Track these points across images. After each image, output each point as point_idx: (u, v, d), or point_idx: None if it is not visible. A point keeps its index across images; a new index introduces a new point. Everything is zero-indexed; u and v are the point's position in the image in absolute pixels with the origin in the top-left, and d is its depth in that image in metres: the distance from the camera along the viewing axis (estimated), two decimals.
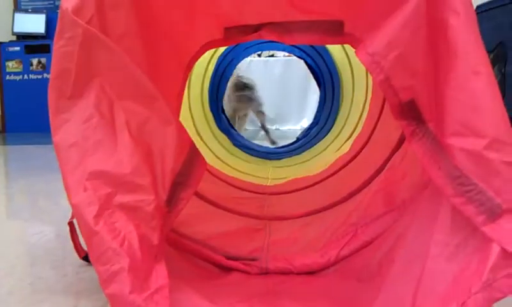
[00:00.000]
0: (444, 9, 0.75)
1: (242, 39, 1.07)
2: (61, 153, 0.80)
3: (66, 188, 0.76)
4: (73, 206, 0.73)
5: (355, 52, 0.82)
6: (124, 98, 0.81)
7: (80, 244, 1.13)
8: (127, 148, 0.77)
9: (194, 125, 2.08)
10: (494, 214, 0.68)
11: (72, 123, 0.81)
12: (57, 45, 0.85)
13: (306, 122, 4.89)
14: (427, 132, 0.76)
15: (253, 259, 1.06)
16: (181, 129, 0.82)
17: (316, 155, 2.31)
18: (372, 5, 0.85)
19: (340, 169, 1.64)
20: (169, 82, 1.05)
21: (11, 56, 5.75)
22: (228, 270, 1.05)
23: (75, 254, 1.14)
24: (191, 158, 0.82)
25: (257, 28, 1.02)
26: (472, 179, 0.69)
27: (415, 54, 0.76)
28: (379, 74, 0.76)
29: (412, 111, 0.76)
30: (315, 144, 2.55)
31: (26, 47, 5.73)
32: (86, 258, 1.13)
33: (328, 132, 2.51)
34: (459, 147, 0.70)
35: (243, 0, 0.98)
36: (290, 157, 2.60)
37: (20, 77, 5.72)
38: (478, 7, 3.57)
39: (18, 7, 6.07)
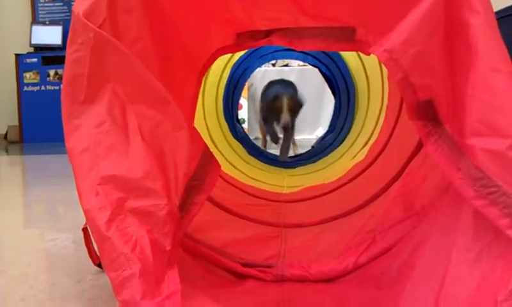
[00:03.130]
0: (463, 8, 0.73)
1: (254, 44, 1.06)
2: (73, 158, 0.80)
3: (79, 193, 0.75)
4: (85, 211, 0.72)
5: (371, 49, 0.80)
6: (136, 102, 0.80)
7: (94, 251, 1.12)
8: (139, 152, 0.76)
9: (209, 133, 2.08)
10: None
11: (84, 128, 0.80)
12: (69, 51, 0.85)
13: (321, 131, 4.87)
14: (444, 133, 0.74)
15: (269, 267, 1.04)
16: (194, 133, 0.81)
17: (331, 163, 2.29)
18: (385, 10, 0.83)
19: (356, 176, 1.61)
20: (183, 87, 1.04)
21: (29, 67, 5.84)
22: (243, 277, 1.02)
23: (90, 261, 1.13)
24: (205, 161, 0.81)
25: (267, 34, 1.02)
26: (495, 180, 0.66)
27: (432, 53, 0.74)
28: (397, 72, 0.74)
29: (429, 111, 0.74)
30: (330, 152, 2.53)
31: (43, 58, 5.82)
32: (100, 264, 1.12)
33: (343, 139, 2.49)
34: (481, 147, 0.68)
35: (254, 6, 0.97)
36: (305, 165, 2.59)
37: (38, 87, 5.81)
38: (497, 13, 3.53)
39: (35, 20, 6.17)
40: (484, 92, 0.70)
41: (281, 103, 2.81)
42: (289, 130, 2.92)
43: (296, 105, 2.93)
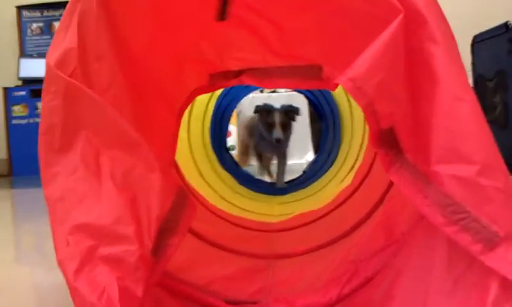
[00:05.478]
0: (423, 39, 0.74)
1: (226, 84, 1.08)
2: (49, 207, 0.80)
3: (54, 244, 0.75)
4: (58, 262, 0.72)
5: (336, 79, 0.81)
6: (109, 147, 0.81)
7: None
8: (110, 198, 0.76)
9: (197, 166, 2.08)
10: (491, 242, 0.65)
11: (60, 176, 0.81)
12: (44, 100, 0.86)
13: (311, 155, 4.87)
14: (405, 162, 0.74)
15: (254, 303, 1.03)
16: (167, 174, 0.81)
17: (321, 188, 2.29)
18: (349, 46, 0.84)
19: (343, 202, 1.62)
20: (161, 129, 1.05)
21: (17, 100, 5.83)
22: None
23: None
24: (179, 203, 0.80)
25: (238, 74, 1.03)
26: (464, 206, 0.67)
27: (395, 82, 0.75)
28: (362, 98, 0.74)
29: (390, 140, 0.75)
30: (320, 176, 2.54)
31: (32, 91, 5.81)
32: None
33: (332, 163, 2.50)
34: (448, 174, 0.68)
35: (224, 47, 0.99)
36: (295, 191, 2.58)
37: (26, 120, 5.79)
38: (476, 36, 3.60)
39: (23, 53, 6.19)
40: (449, 120, 0.71)
41: (272, 118, 2.74)
42: (283, 148, 2.90)
43: (290, 116, 2.82)
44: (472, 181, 0.67)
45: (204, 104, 2.30)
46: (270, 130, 2.76)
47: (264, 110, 2.79)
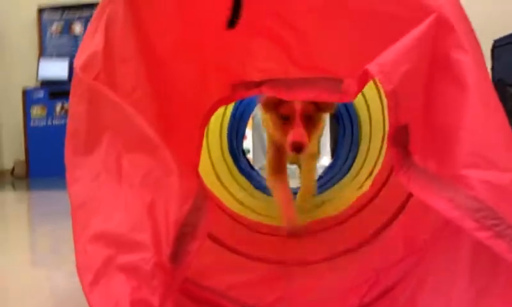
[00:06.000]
0: (451, 46, 0.74)
1: (246, 94, 1.08)
2: (72, 213, 0.81)
3: (75, 250, 0.76)
4: (77, 270, 0.73)
5: (366, 67, 0.80)
6: (130, 150, 0.81)
7: None
8: (129, 203, 0.76)
9: (214, 168, 2.08)
10: None
11: (82, 181, 0.82)
12: (71, 104, 0.88)
13: (326, 160, 4.84)
14: (414, 165, 0.74)
15: None
16: (185, 178, 0.80)
17: (337, 194, 2.27)
18: (373, 56, 0.84)
19: (361, 209, 1.60)
20: (185, 135, 1.05)
21: (36, 102, 5.88)
22: None
23: None
24: (197, 207, 0.79)
25: (259, 84, 1.04)
26: (497, 212, 0.65)
27: (418, 77, 0.75)
28: (388, 84, 0.73)
29: (404, 139, 0.75)
30: (336, 182, 2.52)
31: (50, 92, 5.87)
32: None
33: (349, 169, 2.48)
34: (480, 179, 0.67)
35: (248, 57, 0.99)
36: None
37: (44, 122, 5.85)
38: (496, 41, 3.55)
39: (43, 54, 6.26)
40: (478, 127, 0.70)
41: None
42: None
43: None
44: (506, 189, 0.66)
45: (222, 108, 2.30)
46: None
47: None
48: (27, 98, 5.91)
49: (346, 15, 0.91)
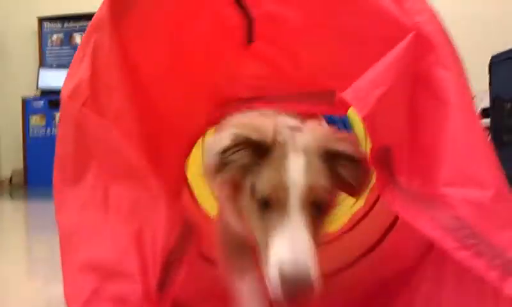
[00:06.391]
0: (432, 64, 0.74)
1: (236, 110, 1.08)
2: (60, 240, 0.82)
3: (63, 276, 0.76)
4: (64, 296, 0.73)
5: (341, 93, 0.78)
6: (117, 179, 0.82)
7: None
8: (116, 233, 0.77)
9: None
10: (508, 269, 0.61)
11: (70, 209, 0.83)
12: (59, 129, 0.90)
13: None
14: (398, 185, 0.73)
15: None
16: (172, 205, 0.81)
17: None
18: (362, 71, 0.84)
19: (355, 225, 1.59)
20: (170, 161, 1.04)
21: (35, 111, 5.88)
22: None
23: None
24: (184, 234, 0.80)
25: (250, 100, 1.04)
26: (477, 232, 0.64)
27: (397, 98, 0.74)
28: (362, 109, 0.71)
29: (386, 160, 0.74)
30: None
31: (50, 102, 5.86)
32: None
33: None
34: (461, 197, 0.67)
35: (237, 77, 0.99)
36: None
37: (43, 131, 5.84)
38: (493, 57, 3.55)
39: (43, 64, 6.27)
40: (460, 144, 0.70)
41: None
42: None
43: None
44: (487, 207, 0.65)
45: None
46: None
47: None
48: (27, 107, 5.90)
49: (334, 36, 0.91)
